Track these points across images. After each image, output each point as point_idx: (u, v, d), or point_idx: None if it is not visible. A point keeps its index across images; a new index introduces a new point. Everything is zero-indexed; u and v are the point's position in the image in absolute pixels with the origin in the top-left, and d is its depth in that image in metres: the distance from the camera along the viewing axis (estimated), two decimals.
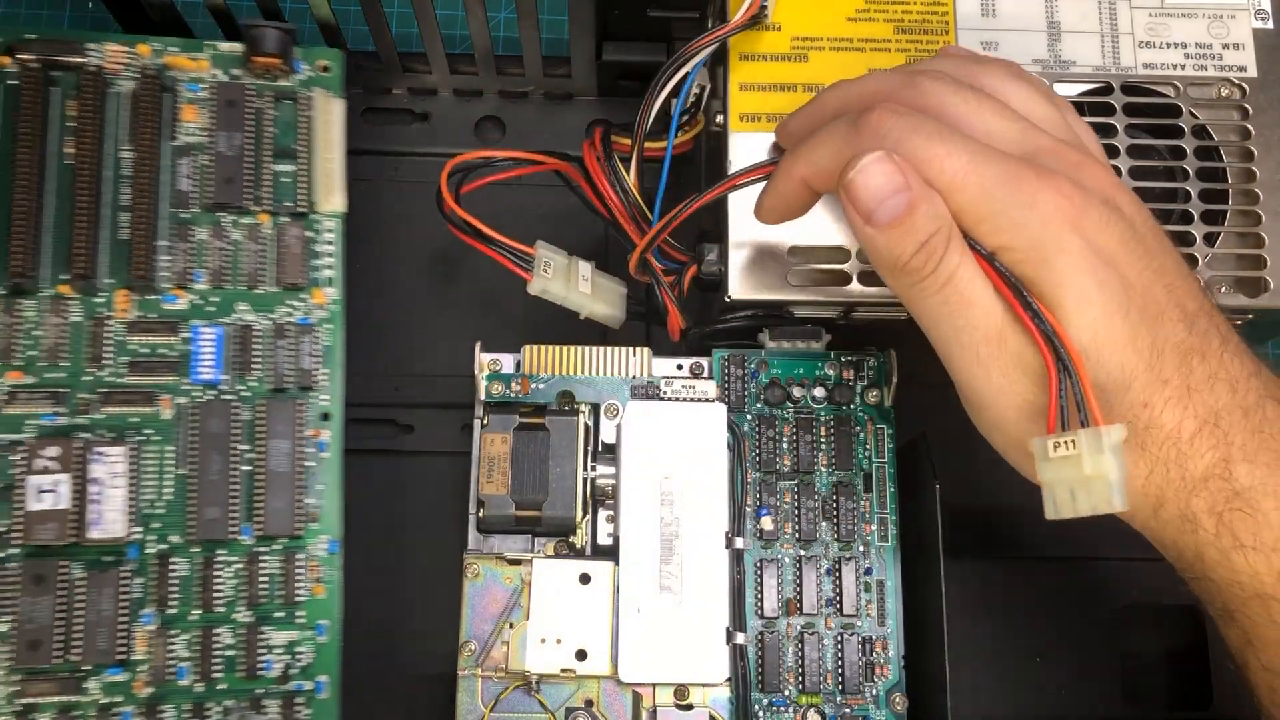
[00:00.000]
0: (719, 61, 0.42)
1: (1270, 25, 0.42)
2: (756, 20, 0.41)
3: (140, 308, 0.41)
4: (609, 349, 0.41)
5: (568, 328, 0.44)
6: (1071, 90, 0.41)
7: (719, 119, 0.41)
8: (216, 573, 0.40)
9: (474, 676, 0.38)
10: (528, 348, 0.41)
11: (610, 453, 0.40)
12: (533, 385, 0.40)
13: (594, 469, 0.39)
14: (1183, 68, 0.42)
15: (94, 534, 0.39)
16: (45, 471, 0.39)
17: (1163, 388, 0.31)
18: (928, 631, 0.39)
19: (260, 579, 0.40)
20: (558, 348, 0.41)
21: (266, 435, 0.41)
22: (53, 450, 0.39)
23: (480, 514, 0.39)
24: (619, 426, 0.40)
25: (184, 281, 0.42)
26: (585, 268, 0.42)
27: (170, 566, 0.40)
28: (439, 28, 0.47)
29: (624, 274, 0.43)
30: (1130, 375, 0.31)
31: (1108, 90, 0.42)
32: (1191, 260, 0.40)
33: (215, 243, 0.42)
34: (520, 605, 0.38)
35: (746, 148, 0.41)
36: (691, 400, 0.40)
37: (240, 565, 0.40)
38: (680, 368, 0.41)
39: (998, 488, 0.38)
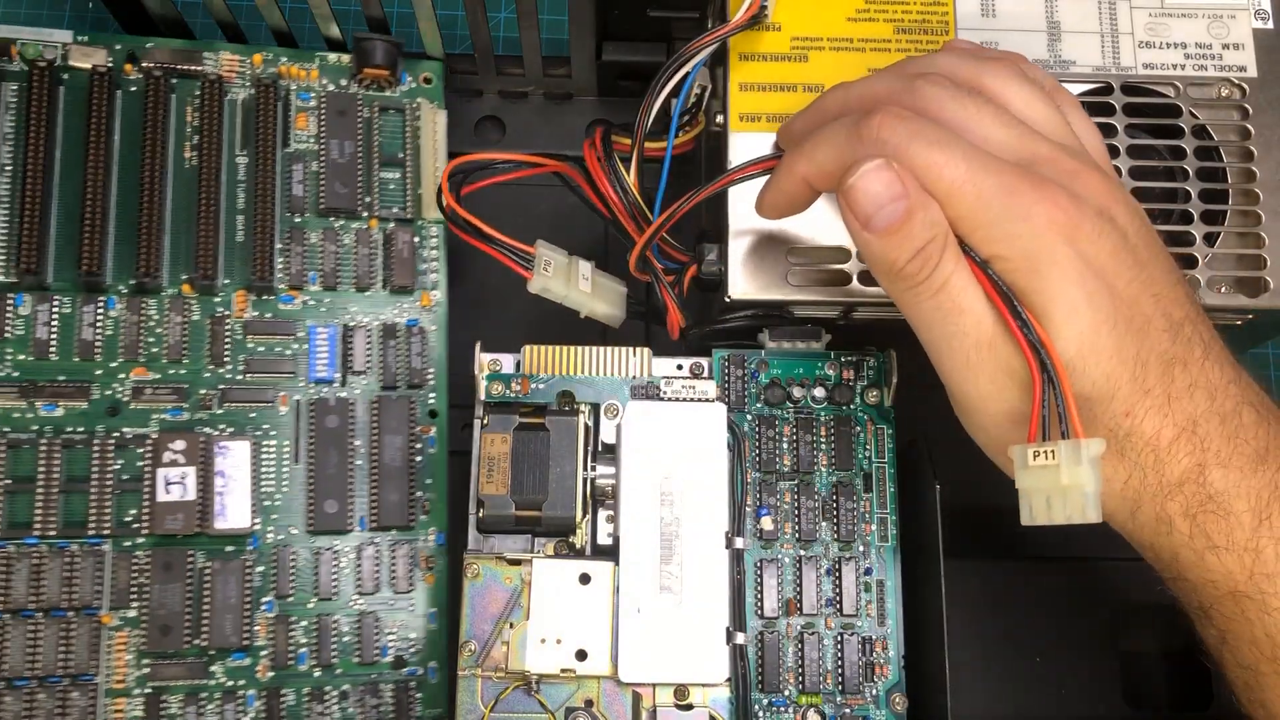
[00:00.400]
0: (719, 61, 0.42)
1: (1270, 25, 0.42)
2: (756, 20, 0.41)
3: (256, 307, 0.43)
4: (609, 349, 0.41)
5: (568, 328, 0.44)
6: (1072, 90, 0.41)
7: (719, 119, 0.41)
8: (334, 562, 0.42)
9: (474, 676, 0.38)
10: (528, 348, 0.41)
11: (610, 453, 0.40)
12: (533, 385, 0.40)
13: (594, 469, 0.39)
14: (1183, 68, 0.42)
15: (219, 525, 0.41)
16: (173, 464, 0.41)
17: (1145, 397, 0.32)
18: (928, 631, 0.39)
19: (374, 569, 0.42)
20: (558, 348, 0.41)
21: (380, 431, 0.42)
22: (179, 444, 0.41)
23: (480, 514, 0.39)
24: (619, 426, 0.40)
25: (299, 283, 0.44)
26: (585, 267, 0.42)
27: (290, 556, 0.42)
28: (440, 28, 0.47)
29: (624, 274, 0.43)
30: (1114, 385, 0.32)
31: (1108, 90, 0.42)
32: (1191, 260, 0.40)
33: (328, 246, 0.44)
34: (520, 605, 0.38)
35: (746, 148, 0.41)
36: (691, 400, 0.40)
37: (355, 556, 0.42)
38: (680, 368, 0.41)
39: (998, 488, 0.38)
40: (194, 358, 0.42)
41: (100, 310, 0.42)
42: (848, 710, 0.39)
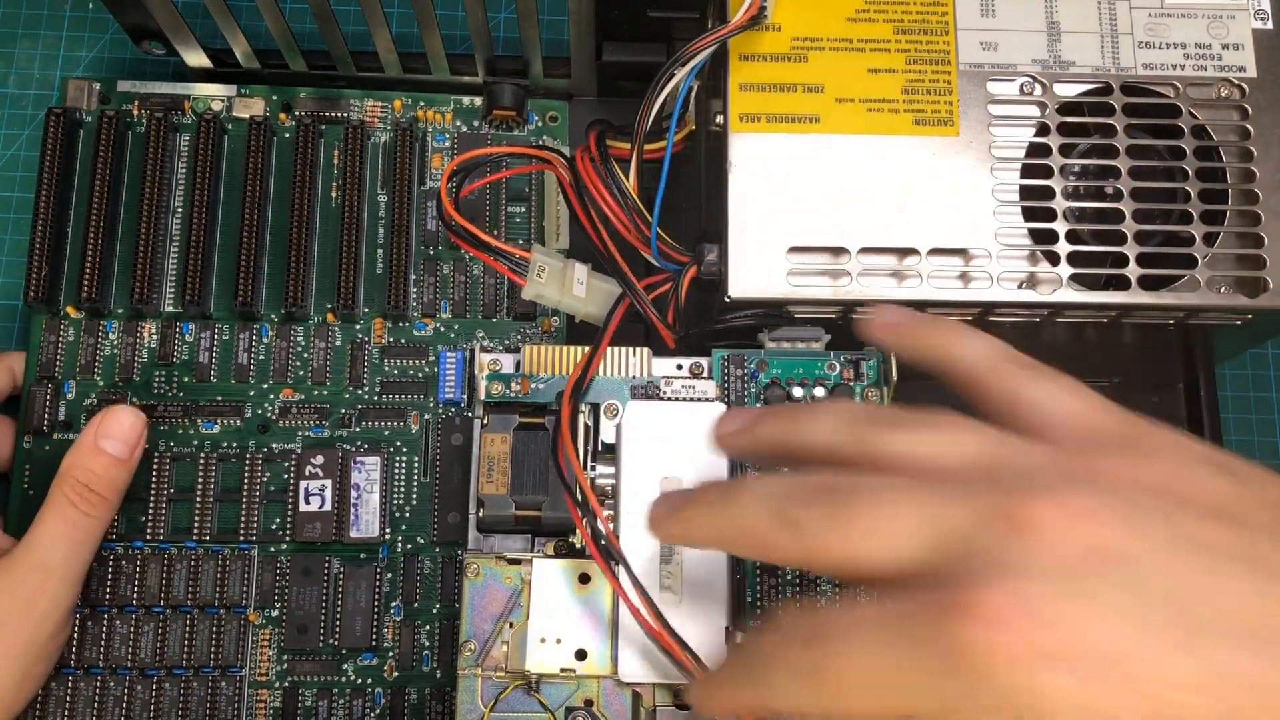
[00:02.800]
0: (719, 62, 0.42)
1: (1270, 25, 0.42)
2: (756, 21, 0.41)
3: (392, 334, 0.47)
4: (609, 349, 0.41)
5: (567, 328, 0.45)
6: (1071, 90, 0.41)
7: (719, 119, 0.41)
8: (457, 570, 0.44)
9: (474, 676, 0.38)
10: (528, 348, 0.41)
11: (610, 452, 0.40)
12: (533, 385, 0.40)
13: (594, 469, 0.39)
14: (1182, 68, 0.42)
15: (353, 534, 0.44)
16: (313, 477, 0.44)
17: None
18: None
19: None
20: (558, 348, 0.41)
21: None
22: (319, 458, 0.45)
23: (480, 514, 0.39)
24: (619, 426, 0.40)
25: (431, 311, 0.47)
26: (581, 270, 0.42)
27: (416, 564, 0.44)
28: (439, 28, 0.47)
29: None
30: None
31: (1108, 90, 0.42)
32: (1191, 260, 0.40)
33: (458, 277, 0.47)
34: (520, 605, 0.38)
35: (746, 148, 0.41)
36: (691, 400, 0.40)
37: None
38: (680, 368, 0.41)
39: None
40: (335, 380, 0.46)
41: (254, 337, 0.46)
42: None
